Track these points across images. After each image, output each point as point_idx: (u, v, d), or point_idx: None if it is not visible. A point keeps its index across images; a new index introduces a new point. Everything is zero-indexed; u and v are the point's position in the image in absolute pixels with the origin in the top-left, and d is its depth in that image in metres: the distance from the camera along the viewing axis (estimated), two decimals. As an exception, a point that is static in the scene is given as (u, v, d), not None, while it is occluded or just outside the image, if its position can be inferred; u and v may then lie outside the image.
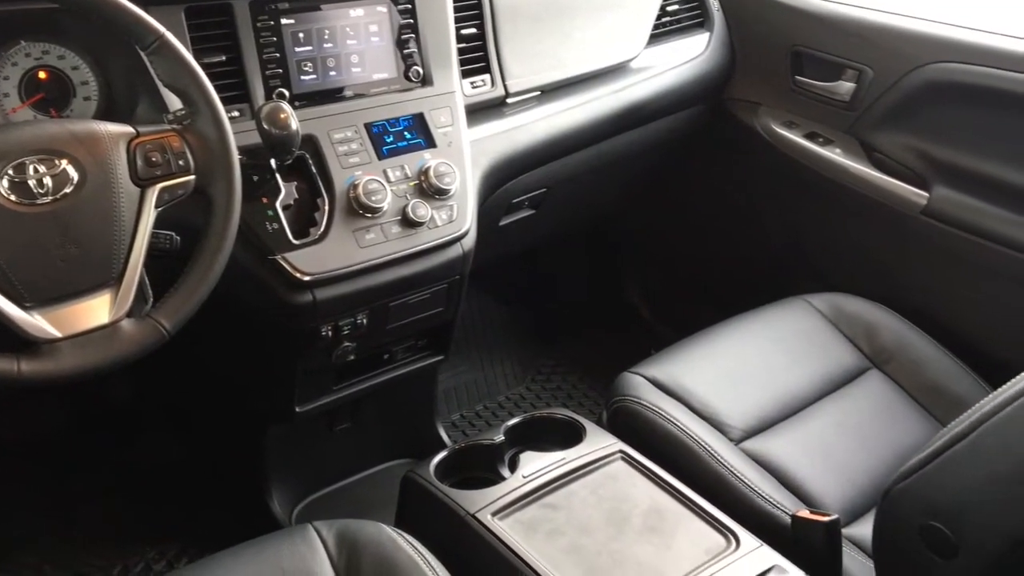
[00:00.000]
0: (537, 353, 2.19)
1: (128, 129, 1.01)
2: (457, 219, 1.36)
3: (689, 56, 1.82)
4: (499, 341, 2.20)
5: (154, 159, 1.01)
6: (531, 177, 1.63)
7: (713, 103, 1.91)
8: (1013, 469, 0.92)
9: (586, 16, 1.63)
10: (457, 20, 1.45)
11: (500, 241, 1.76)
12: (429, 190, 1.33)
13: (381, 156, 1.33)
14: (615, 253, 2.30)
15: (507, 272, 2.16)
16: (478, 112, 1.50)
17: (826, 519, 1.17)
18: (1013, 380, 0.94)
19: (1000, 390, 0.95)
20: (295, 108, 1.22)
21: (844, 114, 1.75)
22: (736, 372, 1.49)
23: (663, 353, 1.53)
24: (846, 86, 1.74)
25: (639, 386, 1.44)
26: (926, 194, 1.63)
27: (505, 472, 1.31)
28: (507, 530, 1.16)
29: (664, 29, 1.80)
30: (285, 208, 1.24)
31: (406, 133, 1.36)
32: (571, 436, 1.35)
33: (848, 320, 1.61)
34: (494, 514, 1.18)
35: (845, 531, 1.27)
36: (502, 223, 1.70)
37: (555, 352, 2.19)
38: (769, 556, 1.14)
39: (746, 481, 1.29)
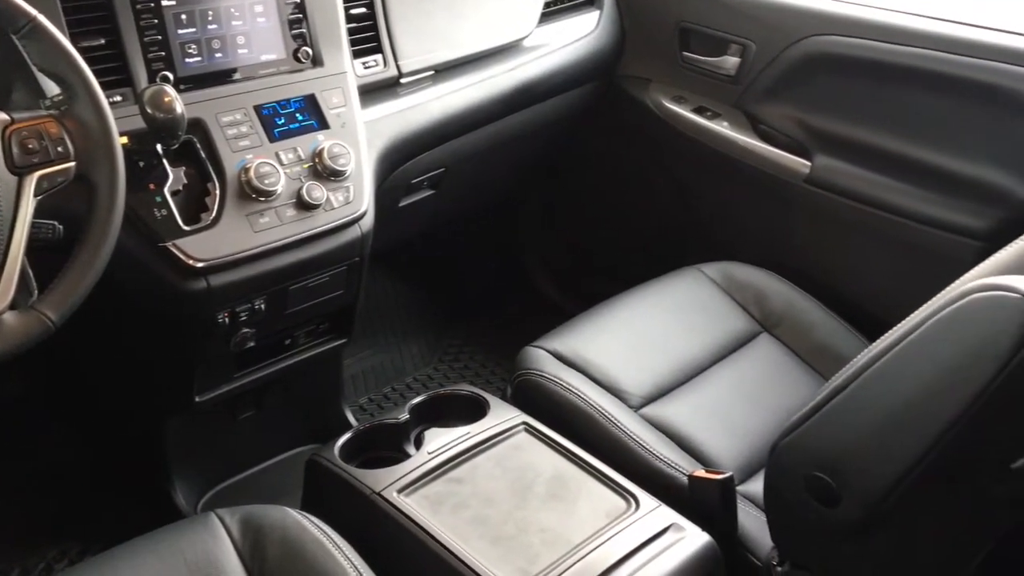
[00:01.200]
0: (444, 333, 2.20)
1: (2, 116, 0.98)
2: (354, 201, 1.35)
3: (580, 34, 1.85)
4: (406, 323, 2.20)
5: (31, 146, 0.98)
6: (429, 157, 1.63)
7: (606, 80, 1.95)
8: (885, 418, 0.98)
9: (477, -5, 1.64)
10: (346, 0, 1.44)
11: (401, 222, 1.76)
12: (324, 172, 1.32)
13: (273, 139, 1.31)
14: (518, 230, 2.32)
15: (411, 253, 2.16)
16: (372, 93, 1.49)
17: (720, 477, 1.22)
18: (886, 335, 1.00)
19: (874, 344, 1.01)
20: (180, 91, 1.20)
21: (730, 88, 1.81)
22: (634, 341, 1.54)
23: (564, 327, 1.56)
24: (731, 61, 1.79)
25: (541, 359, 1.47)
26: (808, 163, 1.70)
27: (411, 450, 1.32)
28: (413, 506, 1.17)
29: (555, 8, 1.82)
30: (174, 194, 1.22)
31: (298, 115, 1.35)
32: (475, 411, 1.37)
33: (739, 287, 1.66)
34: (400, 491, 1.20)
35: (740, 488, 1.32)
36: (402, 204, 1.70)
37: (462, 331, 2.20)
38: (667, 515, 1.18)
39: (645, 445, 1.33)
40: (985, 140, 1.51)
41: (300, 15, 1.37)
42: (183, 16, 1.27)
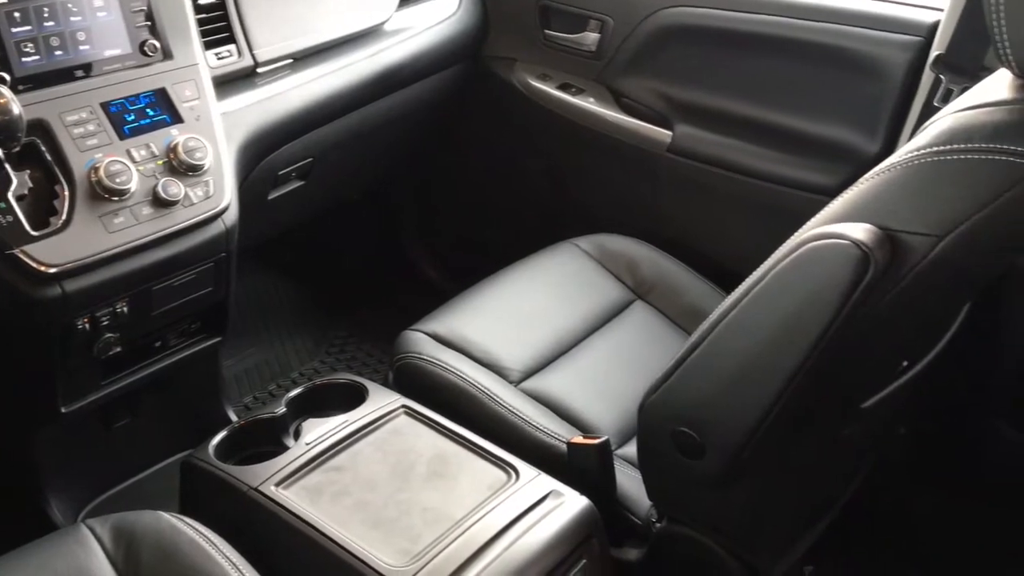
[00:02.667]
0: (330, 325, 2.18)
1: None
2: (214, 195, 1.32)
3: (442, 17, 1.85)
4: (289, 317, 2.17)
5: None
6: (295, 147, 1.61)
7: (472, 62, 1.95)
8: (737, 370, 1.02)
9: (332, -20, 1.62)
10: (193, -10, 1.41)
11: (272, 215, 1.73)
12: (180, 167, 1.29)
13: (123, 136, 1.27)
14: (397, 216, 2.32)
15: (289, 246, 2.13)
16: (228, 84, 1.46)
17: (596, 441, 1.25)
18: (735, 290, 1.04)
19: (726, 300, 1.05)
20: (18, 92, 1.15)
21: (592, 63, 1.84)
22: (512, 318, 1.55)
23: (442, 308, 1.57)
24: (591, 37, 1.83)
25: (420, 342, 1.48)
26: (670, 132, 1.75)
27: (290, 443, 1.31)
28: (291, 498, 1.17)
29: (414, -10, 1.82)
30: (19, 199, 1.17)
31: (148, 110, 1.31)
32: (355, 399, 1.36)
33: (612, 258, 1.70)
34: (277, 485, 1.18)
35: (619, 451, 1.36)
36: (271, 197, 1.67)
37: (347, 322, 2.19)
38: (546, 483, 1.21)
39: (525, 418, 1.35)
40: (832, 100, 1.58)
41: (144, 7, 1.33)
42: (16, 14, 1.21)
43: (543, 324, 1.55)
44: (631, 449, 1.37)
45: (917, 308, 0.98)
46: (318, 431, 1.28)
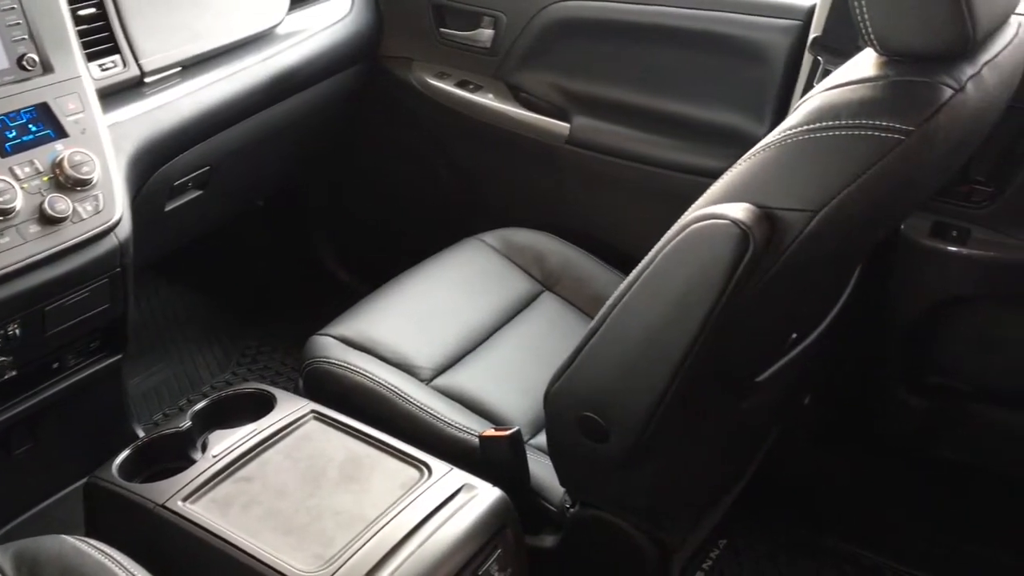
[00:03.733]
0: (240, 335, 2.14)
1: None
2: (104, 209, 1.29)
3: (335, 18, 1.84)
4: (198, 330, 2.13)
5: None
6: (190, 156, 1.58)
7: (369, 63, 1.95)
8: (633, 352, 1.04)
9: (217, -15, 1.60)
10: (72, 0, 1.37)
11: (171, 227, 1.70)
12: (67, 183, 1.26)
13: (4, 153, 1.23)
14: (306, 220, 2.29)
15: (195, 256, 2.09)
16: (114, 95, 1.43)
17: (507, 433, 1.26)
18: (629, 276, 1.06)
19: (620, 286, 1.07)
20: None
21: (488, 60, 1.85)
22: (422, 316, 1.56)
23: (351, 311, 1.56)
24: (486, 33, 1.84)
25: (328, 346, 1.47)
26: (568, 125, 1.77)
27: (198, 457, 1.29)
28: (200, 512, 1.15)
29: (305, -8, 1.80)
30: (-101, 225, 1.13)
31: (30, 126, 1.27)
32: (263, 407, 1.35)
33: (519, 251, 1.72)
34: (184, 499, 1.16)
35: (532, 441, 1.38)
36: (168, 208, 1.63)
37: (258, 331, 2.16)
38: (459, 477, 1.21)
39: (436, 415, 1.35)
40: (720, 86, 1.63)
41: (20, 21, 1.29)
42: None
43: (452, 321, 1.56)
44: (543, 438, 1.38)
45: (800, 281, 1.02)
46: (225, 443, 1.26)
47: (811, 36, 1.46)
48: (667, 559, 1.20)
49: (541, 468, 1.32)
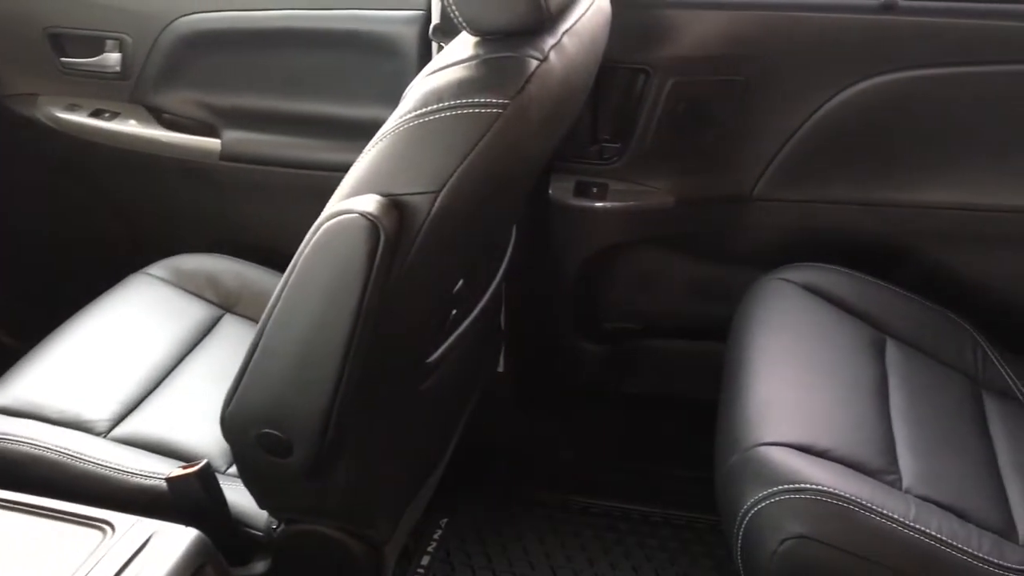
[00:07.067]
0: None
1: None
2: None
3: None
4: None
5: None
6: None
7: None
8: (296, 358, 1.03)
9: None
10: None
11: None
12: None
13: None
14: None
15: None
16: None
17: (194, 469, 1.21)
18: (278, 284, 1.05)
19: (272, 296, 1.05)
20: None
21: (121, 84, 1.75)
22: (90, 366, 1.45)
23: (6, 376, 1.42)
24: (113, 57, 1.74)
25: (-16, 422, 1.33)
26: (219, 140, 1.72)
27: None
28: None
29: None
30: None
31: None
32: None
33: (189, 278, 1.64)
34: None
35: (231, 470, 1.32)
36: None
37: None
38: (147, 527, 1.14)
39: (117, 467, 1.26)
40: (361, 82, 1.64)
41: None
42: None
43: (126, 364, 1.46)
44: (245, 465, 1.34)
45: (443, 260, 1.05)
46: None
47: (432, 24, 1.51)
48: (378, 554, 1.21)
49: (242, 496, 1.27)
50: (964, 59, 1.45)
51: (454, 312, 1.20)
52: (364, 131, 1.65)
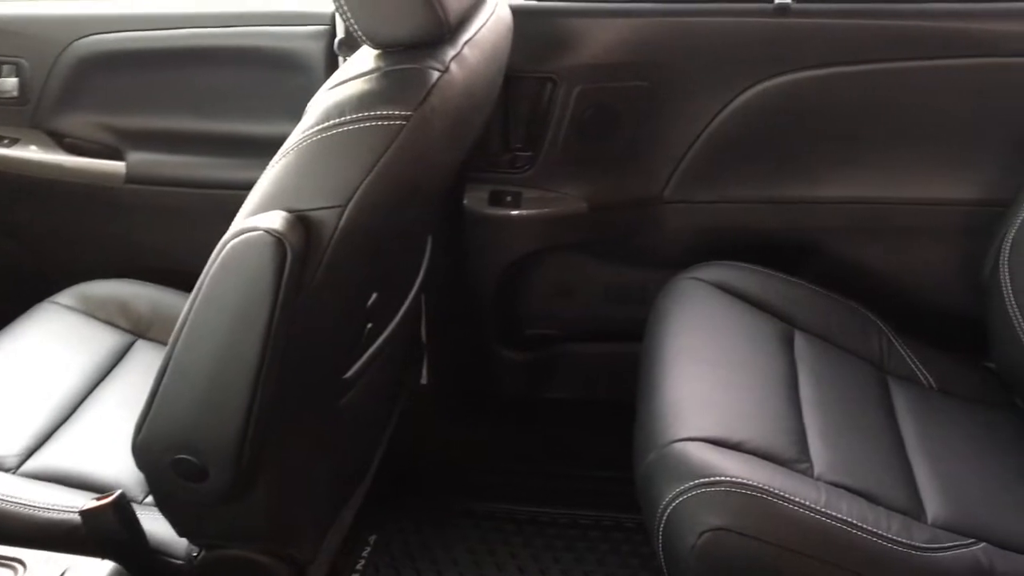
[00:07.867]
0: None
1: None
2: None
3: None
4: None
5: None
6: None
7: None
8: (207, 380, 1.02)
9: None
10: None
11: None
12: None
13: None
14: None
15: None
16: None
17: (108, 500, 1.18)
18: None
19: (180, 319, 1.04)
20: None
21: (19, 109, 1.71)
22: (-5, 401, 1.40)
23: (-95, 420, 1.36)
24: (9, 82, 1.70)
25: None
26: (123, 163, 1.68)
27: None
28: None
29: None
30: None
31: None
32: None
33: (100, 305, 1.60)
34: None
35: (148, 499, 1.29)
36: None
37: None
38: (60, 563, 1.10)
39: (28, 503, 1.22)
40: (269, 99, 1.63)
41: None
42: None
43: (35, 396, 1.42)
44: (163, 492, 1.31)
45: (353, 273, 1.05)
46: None
47: (337, 38, 1.51)
48: (301, 574, 1.19)
49: (161, 525, 1.24)
50: (854, 58, 1.51)
51: (369, 326, 1.20)
52: (273, 148, 1.60)
